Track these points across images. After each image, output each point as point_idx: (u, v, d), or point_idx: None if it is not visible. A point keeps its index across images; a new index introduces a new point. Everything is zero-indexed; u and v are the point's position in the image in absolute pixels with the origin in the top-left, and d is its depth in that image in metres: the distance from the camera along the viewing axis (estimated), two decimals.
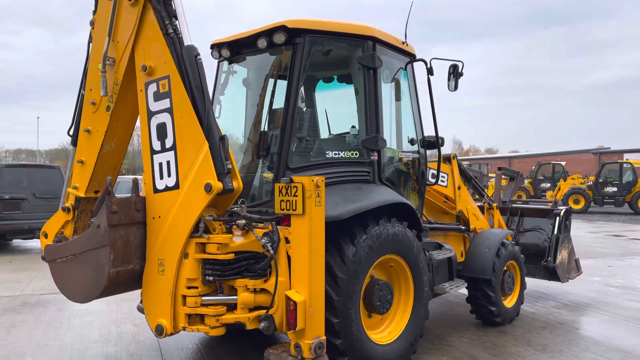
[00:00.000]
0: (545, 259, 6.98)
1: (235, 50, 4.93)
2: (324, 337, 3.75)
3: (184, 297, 3.76)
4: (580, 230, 17.34)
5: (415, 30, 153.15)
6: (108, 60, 4.10)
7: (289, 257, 3.85)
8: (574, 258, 7.41)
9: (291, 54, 4.51)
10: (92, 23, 4.27)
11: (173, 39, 3.87)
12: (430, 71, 5.28)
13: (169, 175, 3.85)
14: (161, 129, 3.90)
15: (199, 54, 3.84)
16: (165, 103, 3.87)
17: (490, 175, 40.91)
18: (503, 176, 8.12)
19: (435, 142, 5.48)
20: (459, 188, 6.39)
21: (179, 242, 3.73)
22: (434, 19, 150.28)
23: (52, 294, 7.54)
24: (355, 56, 4.77)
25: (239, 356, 5.02)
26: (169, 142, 3.86)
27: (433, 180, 5.88)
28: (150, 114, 3.94)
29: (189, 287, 3.76)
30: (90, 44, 4.29)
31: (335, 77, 5.69)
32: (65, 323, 6.17)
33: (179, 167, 3.81)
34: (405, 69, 5.37)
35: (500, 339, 5.51)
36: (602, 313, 6.66)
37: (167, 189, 3.85)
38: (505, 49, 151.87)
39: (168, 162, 3.86)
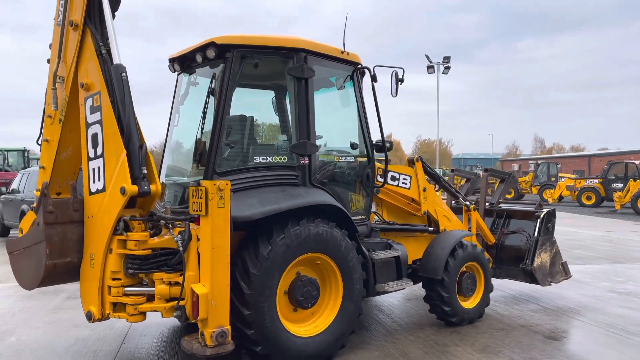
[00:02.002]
0: (524, 262, 6.91)
1: (184, 64, 5.41)
2: (228, 327, 4.12)
3: (110, 287, 4.28)
4: (635, 234, 16.40)
5: (501, 23, 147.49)
6: (59, 78, 4.71)
7: (200, 254, 4.26)
8: (559, 261, 7.25)
9: (223, 67, 4.91)
10: (50, 46, 4.90)
11: (105, 58, 4.41)
12: (374, 78, 5.49)
13: (99, 179, 4.38)
14: (94, 139, 4.44)
15: (124, 72, 4.34)
16: (97, 116, 4.41)
17: (560, 175, 39.30)
18: (491, 177, 8.06)
19: (383, 146, 5.67)
20: (425, 190, 6.49)
21: (104, 239, 4.25)
22: (523, 10, 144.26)
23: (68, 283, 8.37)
24: (287, 67, 5.09)
25: None
26: (99, 150, 4.39)
27: (390, 182, 6.07)
28: (87, 125, 4.50)
29: (113, 279, 4.27)
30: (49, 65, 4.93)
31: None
32: (64, 309, 6.93)
33: (105, 173, 4.33)
34: (352, 77, 5.60)
35: (447, 339, 5.60)
36: (578, 318, 6.50)
37: (97, 191, 4.38)
38: (598, 41, 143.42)
39: (99, 168, 4.39)
